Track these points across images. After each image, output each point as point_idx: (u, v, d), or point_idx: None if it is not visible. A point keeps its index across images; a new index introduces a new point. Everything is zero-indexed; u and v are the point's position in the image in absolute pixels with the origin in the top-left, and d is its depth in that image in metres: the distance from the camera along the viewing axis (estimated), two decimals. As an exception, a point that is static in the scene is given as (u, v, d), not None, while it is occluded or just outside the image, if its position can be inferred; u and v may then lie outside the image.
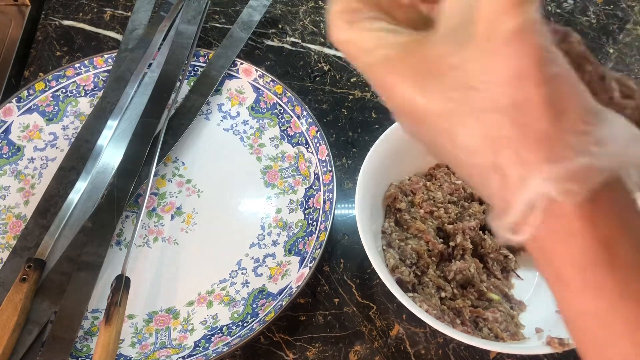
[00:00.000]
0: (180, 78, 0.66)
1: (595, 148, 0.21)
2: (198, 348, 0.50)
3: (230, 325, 0.52)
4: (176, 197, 0.60)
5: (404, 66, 0.23)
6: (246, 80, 0.67)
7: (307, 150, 0.62)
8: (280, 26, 0.77)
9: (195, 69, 0.68)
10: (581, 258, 0.21)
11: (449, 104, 0.22)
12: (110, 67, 0.66)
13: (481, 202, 0.58)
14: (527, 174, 0.21)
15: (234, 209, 0.60)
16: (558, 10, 0.81)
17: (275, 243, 0.58)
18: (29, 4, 0.76)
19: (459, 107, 0.22)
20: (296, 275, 0.54)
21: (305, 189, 0.60)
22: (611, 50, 0.77)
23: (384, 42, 0.24)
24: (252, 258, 0.57)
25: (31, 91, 0.64)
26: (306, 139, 0.62)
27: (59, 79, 0.65)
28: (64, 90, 0.65)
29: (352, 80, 0.71)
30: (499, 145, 0.21)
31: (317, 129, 0.62)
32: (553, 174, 0.20)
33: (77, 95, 0.66)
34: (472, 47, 0.21)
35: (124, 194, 0.56)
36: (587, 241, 0.21)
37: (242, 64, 0.67)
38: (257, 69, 0.66)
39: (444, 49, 0.22)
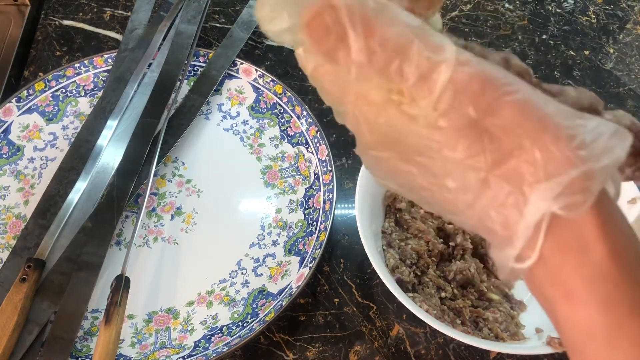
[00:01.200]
0: (180, 78, 0.66)
1: (584, 152, 0.20)
2: (198, 348, 0.50)
3: (230, 325, 0.52)
4: (176, 197, 0.60)
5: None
6: (246, 80, 0.67)
7: (307, 150, 0.62)
8: (280, 26, 0.76)
9: (195, 68, 0.68)
10: (592, 271, 0.20)
11: (429, 144, 0.21)
12: (110, 67, 0.66)
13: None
14: (523, 197, 0.20)
15: (234, 209, 0.60)
16: (558, 10, 0.81)
17: (275, 243, 0.58)
18: (28, 3, 0.76)
19: (441, 148, 0.21)
20: (296, 275, 0.54)
21: (305, 189, 0.60)
22: (611, 50, 0.77)
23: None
24: (252, 258, 0.57)
25: (31, 91, 0.64)
26: (306, 139, 0.62)
27: (59, 79, 0.65)
28: (64, 90, 0.65)
29: (352, 80, 0.70)
30: (488, 176, 0.21)
31: (317, 128, 0.62)
32: (551, 191, 0.20)
33: (77, 95, 0.66)
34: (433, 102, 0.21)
35: (123, 194, 0.56)
36: (598, 253, 0.20)
37: (242, 63, 0.67)
38: (257, 68, 0.66)
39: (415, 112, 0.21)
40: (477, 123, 0.20)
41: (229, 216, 0.59)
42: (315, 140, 0.62)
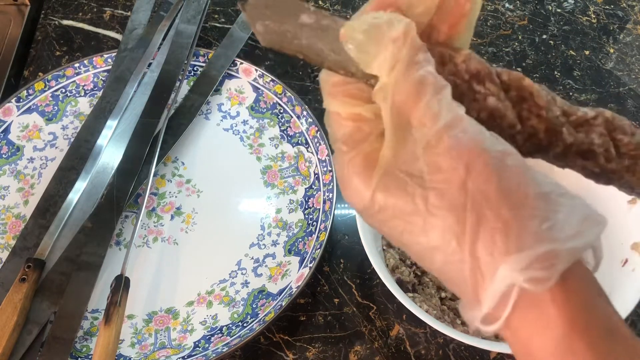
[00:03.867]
0: (180, 78, 0.66)
1: (554, 232, 0.21)
2: (198, 348, 0.50)
3: (230, 325, 0.52)
4: (176, 197, 0.60)
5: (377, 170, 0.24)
6: (246, 80, 0.67)
7: (307, 150, 0.62)
8: (280, 26, 0.76)
9: (195, 68, 0.68)
10: (558, 348, 0.21)
11: (412, 205, 0.22)
12: (109, 67, 0.66)
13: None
14: (493, 266, 0.21)
15: (234, 209, 0.60)
16: (558, 10, 0.81)
17: (275, 243, 0.58)
18: (28, 3, 0.76)
19: (423, 207, 0.22)
20: (296, 275, 0.54)
21: (305, 189, 0.60)
22: (611, 50, 0.77)
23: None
24: (252, 258, 0.57)
25: (31, 91, 0.64)
26: (306, 139, 0.62)
27: (59, 79, 0.65)
28: (64, 90, 0.65)
29: (352, 80, 0.70)
30: (463, 241, 0.21)
31: (317, 128, 0.61)
32: (519, 263, 0.21)
33: (77, 95, 0.66)
34: (420, 153, 0.22)
35: (123, 194, 0.56)
36: (562, 329, 0.21)
37: (242, 63, 0.67)
38: (257, 68, 0.66)
39: (400, 156, 0.23)
40: (464, 191, 0.22)
41: (228, 216, 0.59)
42: (315, 140, 0.61)
